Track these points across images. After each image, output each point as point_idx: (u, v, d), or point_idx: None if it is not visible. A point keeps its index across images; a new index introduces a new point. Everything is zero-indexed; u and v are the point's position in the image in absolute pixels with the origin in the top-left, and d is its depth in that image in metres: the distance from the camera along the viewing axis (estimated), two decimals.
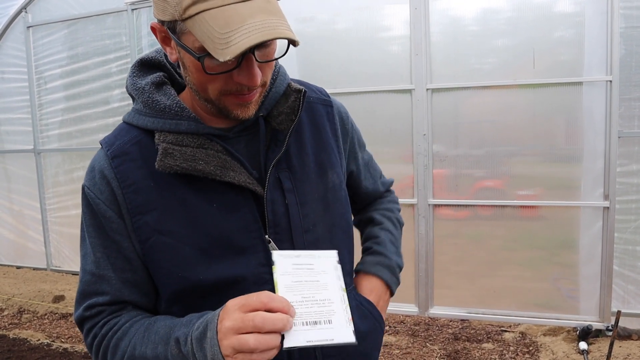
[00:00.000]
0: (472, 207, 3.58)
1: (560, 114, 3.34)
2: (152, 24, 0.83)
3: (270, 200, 0.90)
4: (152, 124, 0.87)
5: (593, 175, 3.29)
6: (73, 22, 4.73)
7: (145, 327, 0.86)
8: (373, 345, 1.05)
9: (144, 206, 0.86)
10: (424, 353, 3.31)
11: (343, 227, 1.01)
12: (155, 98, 0.88)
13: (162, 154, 0.83)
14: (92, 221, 0.90)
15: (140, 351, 0.83)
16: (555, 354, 3.16)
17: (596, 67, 3.20)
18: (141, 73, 0.93)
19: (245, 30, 0.70)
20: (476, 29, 3.46)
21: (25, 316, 4.25)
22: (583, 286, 3.40)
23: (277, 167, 0.91)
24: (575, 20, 3.23)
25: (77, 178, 4.95)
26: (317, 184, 0.97)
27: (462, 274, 3.67)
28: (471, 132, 3.55)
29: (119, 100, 4.65)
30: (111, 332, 0.88)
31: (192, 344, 0.77)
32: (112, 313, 0.91)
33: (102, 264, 0.89)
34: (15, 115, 5.20)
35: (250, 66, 0.78)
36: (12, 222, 5.45)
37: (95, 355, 0.91)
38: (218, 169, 0.85)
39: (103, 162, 0.88)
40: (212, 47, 0.71)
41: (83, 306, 0.91)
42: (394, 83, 3.61)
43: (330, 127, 1.02)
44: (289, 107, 0.92)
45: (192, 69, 0.81)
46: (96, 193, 0.88)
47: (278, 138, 0.92)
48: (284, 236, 0.91)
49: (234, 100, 0.83)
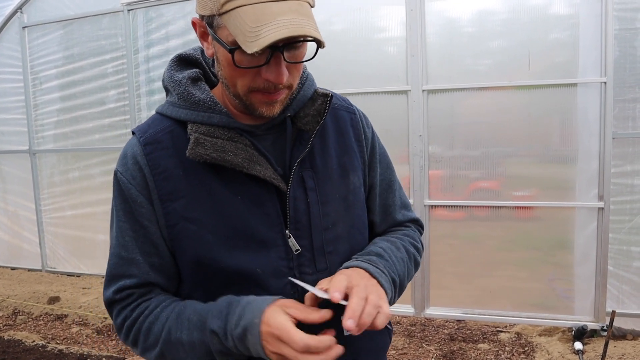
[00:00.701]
0: (467, 207, 3.59)
1: (555, 115, 3.36)
2: (193, 19, 0.90)
3: (293, 197, 0.93)
4: (185, 116, 0.92)
5: (588, 176, 3.31)
6: (69, 23, 4.72)
7: (177, 314, 0.90)
8: (380, 345, 1.07)
9: (173, 193, 0.90)
10: (420, 354, 3.32)
11: (360, 228, 1.04)
12: (190, 91, 0.92)
13: (193, 142, 0.87)
14: (122, 205, 0.93)
15: (176, 337, 0.88)
16: (551, 354, 3.17)
17: (591, 68, 3.22)
18: (178, 68, 0.98)
19: (274, 25, 0.75)
20: (472, 30, 3.48)
21: (20, 317, 4.23)
22: (578, 286, 3.42)
23: (301, 165, 0.95)
24: (570, 22, 3.25)
25: (73, 179, 4.94)
26: (339, 184, 1.00)
27: (458, 275, 3.68)
28: (467, 133, 3.57)
29: (114, 101, 4.64)
30: (142, 315, 0.92)
31: (234, 342, 0.84)
32: (141, 296, 0.95)
33: (130, 247, 0.93)
34: (11, 116, 5.18)
35: (278, 64, 0.82)
36: (6, 223, 5.42)
37: (124, 337, 0.95)
38: (245, 162, 0.89)
39: (136, 148, 0.93)
40: (243, 40, 0.77)
41: (112, 289, 0.95)
42: (390, 84, 3.62)
43: (354, 132, 1.05)
44: (316, 109, 0.96)
45: (225, 63, 0.86)
46: (128, 178, 0.92)
47: (303, 138, 0.96)
48: (304, 232, 0.94)
49: (260, 97, 0.87)
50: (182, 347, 0.88)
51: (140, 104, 4.52)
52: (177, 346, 0.89)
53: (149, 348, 0.92)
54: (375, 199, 1.10)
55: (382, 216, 1.12)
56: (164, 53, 4.38)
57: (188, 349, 0.88)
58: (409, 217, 1.17)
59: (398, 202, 1.14)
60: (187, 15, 4.25)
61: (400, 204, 1.15)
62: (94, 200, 4.83)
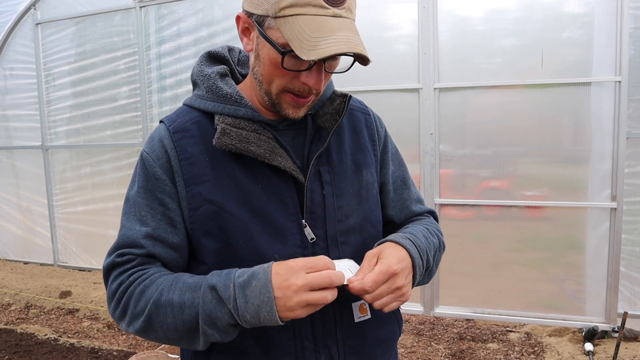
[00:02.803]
0: (477, 207, 3.58)
1: (568, 114, 3.33)
2: (238, 14, 0.94)
3: (310, 189, 0.98)
4: (212, 107, 0.98)
5: (600, 176, 3.28)
6: (81, 19, 4.76)
7: (174, 278, 0.92)
8: (389, 334, 1.09)
9: (198, 177, 0.95)
10: (429, 352, 3.32)
11: (372, 222, 1.08)
12: (218, 85, 0.99)
13: (220, 132, 0.93)
14: (144, 183, 0.97)
15: (167, 297, 0.88)
16: (561, 355, 3.15)
17: (605, 67, 3.19)
18: (208, 63, 1.04)
19: (334, 40, 0.82)
20: (484, 28, 3.45)
21: (33, 311, 4.28)
22: (589, 287, 3.39)
23: (318, 160, 1.01)
24: (584, 20, 3.21)
25: (84, 175, 4.99)
26: (353, 180, 1.05)
27: (467, 274, 3.66)
28: (478, 132, 3.55)
29: (126, 97, 4.67)
30: (138, 280, 0.93)
31: (235, 290, 0.84)
32: (143, 264, 0.96)
33: (145, 221, 0.96)
34: (24, 112, 5.23)
35: (319, 72, 0.89)
36: (19, 218, 5.49)
37: (115, 305, 0.94)
38: (267, 153, 0.94)
39: (164, 134, 0.98)
40: (299, 47, 0.82)
41: (115, 254, 0.96)
42: (402, 82, 3.61)
43: (368, 132, 1.11)
44: (334, 108, 1.03)
45: (266, 61, 0.90)
46: (154, 158, 0.97)
47: (322, 135, 1.02)
48: (319, 223, 0.99)
49: (290, 99, 0.93)
50: (171, 309, 0.87)
51: (151, 101, 4.55)
52: (166, 308, 0.88)
53: (137, 315, 0.91)
54: (389, 195, 1.15)
55: (399, 210, 1.17)
56: (176, 50, 4.40)
57: (176, 311, 0.87)
58: (424, 209, 1.22)
59: (414, 197, 1.19)
60: (199, 12, 4.26)
61: (415, 198, 1.20)
62: (106, 196, 4.87)
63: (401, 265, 0.92)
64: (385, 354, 1.09)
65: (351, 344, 1.01)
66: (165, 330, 0.89)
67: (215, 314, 0.84)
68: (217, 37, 4.23)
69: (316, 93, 0.94)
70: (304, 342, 0.97)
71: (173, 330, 0.88)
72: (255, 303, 0.82)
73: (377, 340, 1.06)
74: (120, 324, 0.95)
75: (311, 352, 0.97)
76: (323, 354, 0.98)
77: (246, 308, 0.83)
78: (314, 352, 0.98)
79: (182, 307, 0.86)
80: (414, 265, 0.97)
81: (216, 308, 0.84)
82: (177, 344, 0.93)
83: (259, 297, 0.82)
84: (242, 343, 0.96)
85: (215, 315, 0.84)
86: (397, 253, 0.94)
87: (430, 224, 1.16)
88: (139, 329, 0.91)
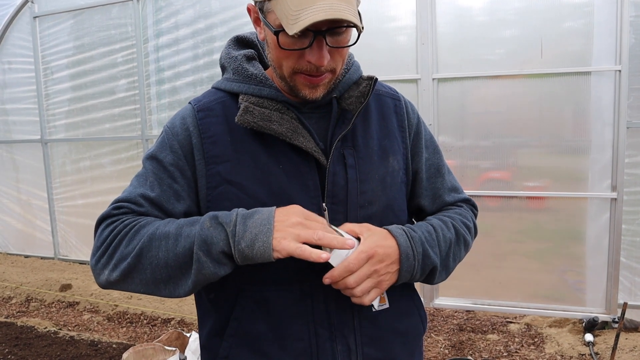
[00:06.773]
0: (478, 198, 3.56)
1: (568, 104, 3.31)
2: (248, 5, 0.96)
3: (332, 172, 0.96)
4: (237, 88, 0.99)
5: (601, 166, 3.26)
6: (79, 12, 4.73)
7: (169, 219, 0.93)
8: (409, 329, 1.08)
9: (219, 157, 0.95)
10: (429, 343, 3.31)
11: (395, 210, 1.04)
12: (244, 66, 1.00)
13: (243, 110, 0.93)
14: (158, 153, 0.98)
15: (163, 230, 0.88)
16: (561, 346, 3.15)
17: (605, 56, 3.16)
18: (236, 47, 1.06)
19: (313, 9, 0.80)
20: (483, 18, 3.42)
21: (33, 304, 4.29)
22: (589, 278, 3.39)
23: (343, 143, 0.99)
24: (584, 9, 3.18)
25: (84, 168, 4.98)
26: (378, 165, 1.02)
27: (467, 265, 3.64)
28: (478, 123, 3.53)
29: (124, 90, 4.66)
30: (132, 223, 0.92)
31: (237, 217, 0.85)
32: (139, 215, 0.95)
33: (151, 186, 0.96)
34: (23, 106, 5.22)
35: (320, 48, 0.87)
36: (19, 212, 5.50)
37: (104, 250, 0.91)
38: (289, 132, 0.93)
39: (189, 112, 1.00)
40: (286, 23, 0.82)
41: (113, 206, 0.96)
42: (400, 72, 3.59)
43: (397, 119, 1.08)
44: (360, 91, 1.01)
45: (272, 46, 0.91)
46: (174, 133, 0.98)
47: (346, 117, 0.99)
48: (340, 207, 0.97)
49: (303, 80, 0.92)
50: (166, 241, 0.86)
51: (150, 93, 4.53)
52: (160, 241, 0.86)
53: (125, 256, 0.88)
54: (422, 183, 1.11)
55: (431, 199, 1.13)
56: (174, 42, 4.38)
57: (171, 243, 0.86)
58: (459, 198, 1.17)
59: (448, 185, 1.15)
60: (196, 4, 4.23)
61: (450, 187, 1.16)
62: (105, 189, 4.87)
63: (381, 250, 0.91)
64: (405, 348, 1.06)
65: (368, 334, 1.00)
66: (155, 268, 0.86)
67: (211, 238, 0.84)
68: (215, 29, 4.21)
69: (330, 70, 0.92)
70: (317, 329, 0.96)
71: (163, 267, 0.86)
72: (254, 232, 0.83)
73: (396, 332, 1.04)
74: (102, 273, 0.90)
75: (326, 339, 0.96)
76: (340, 343, 0.97)
77: (243, 236, 0.83)
78: (329, 340, 0.96)
79: (177, 237, 0.86)
80: (401, 256, 0.93)
81: (214, 233, 0.85)
82: (161, 290, 0.89)
83: (259, 227, 0.84)
84: (255, 328, 0.95)
85: (211, 240, 0.84)
86: (383, 240, 0.93)
87: (457, 214, 1.11)
88: (122, 273, 0.88)
